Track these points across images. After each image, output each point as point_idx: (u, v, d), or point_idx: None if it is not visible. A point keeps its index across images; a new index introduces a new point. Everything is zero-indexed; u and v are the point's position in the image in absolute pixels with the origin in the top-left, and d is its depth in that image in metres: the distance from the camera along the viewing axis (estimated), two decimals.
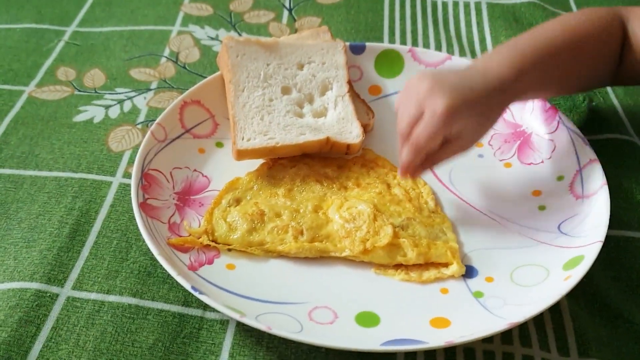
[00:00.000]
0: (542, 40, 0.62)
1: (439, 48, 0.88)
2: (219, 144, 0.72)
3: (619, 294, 0.60)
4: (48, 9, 0.93)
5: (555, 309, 0.57)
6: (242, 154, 0.67)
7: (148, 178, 0.64)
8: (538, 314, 0.52)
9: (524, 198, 0.67)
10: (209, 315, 0.57)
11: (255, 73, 0.72)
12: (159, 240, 0.59)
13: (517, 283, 0.59)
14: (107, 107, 0.77)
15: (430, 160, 0.60)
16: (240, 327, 0.56)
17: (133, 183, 0.62)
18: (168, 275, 0.58)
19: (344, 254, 0.61)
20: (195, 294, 0.53)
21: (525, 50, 0.60)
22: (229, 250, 0.61)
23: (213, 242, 0.62)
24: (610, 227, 0.59)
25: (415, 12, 0.95)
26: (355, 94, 0.77)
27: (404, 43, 0.89)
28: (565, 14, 0.67)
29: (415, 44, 0.89)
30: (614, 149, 0.73)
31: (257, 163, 0.69)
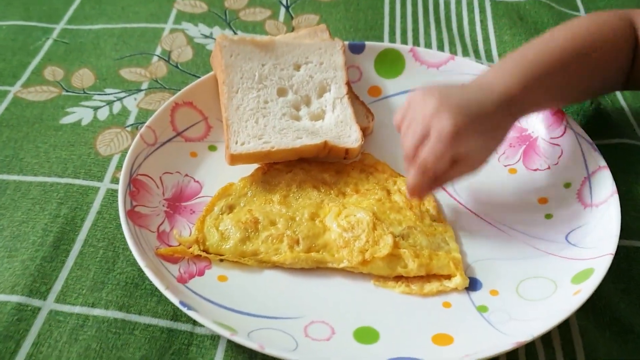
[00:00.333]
0: (549, 52, 0.60)
1: (442, 47, 0.86)
2: (212, 148, 0.69)
3: (630, 308, 0.58)
4: (36, 6, 0.90)
5: (563, 324, 0.55)
6: (235, 159, 0.64)
7: (137, 184, 0.62)
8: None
9: (530, 206, 0.65)
10: (199, 331, 0.54)
11: (250, 74, 0.70)
12: (147, 251, 0.56)
13: (523, 297, 0.56)
14: (95, 108, 0.75)
15: (439, 180, 0.58)
16: (232, 343, 0.53)
17: (120, 190, 0.59)
18: (156, 288, 0.55)
19: (342, 265, 0.58)
20: (184, 310, 0.50)
21: (532, 63, 0.59)
22: (221, 261, 0.59)
23: (204, 252, 0.59)
24: (620, 236, 0.57)
25: (417, 9, 0.92)
26: (354, 96, 0.74)
27: (405, 42, 0.86)
28: (573, 21, 0.64)
29: (417, 43, 0.86)
30: (623, 154, 0.70)
31: (251, 168, 0.67)
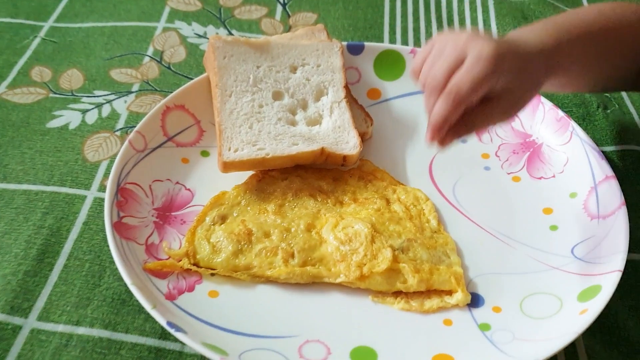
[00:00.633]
0: (577, 22, 0.58)
1: None
2: (205, 153, 0.67)
3: (639, 326, 0.55)
4: (24, 2, 0.87)
5: (569, 344, 0.52)
6: (228, 166, 0.62)
7: (124, 193, 0.59)
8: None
9: (534, 216, 0.63)
10: (189, 350, 0.52)
11: (244, 76, 0.67)
12: (134, 266, 0.54)
13: (527, 314, 0.54)
14: (84, 111, 0.72)
15: (467, 124, 0.50)
16: None
17: (107, 201, 0.57)
18: None
19: (339, 280, 0.56)
20: (171, 331, 0.48)
21: (563, 26, 0.56)
22: (212, 275, 0.56)
23: (195, 265, 0.57)
24: (629, 250, 0.55)
25: (418, 8, 0.89)
26: (353, 99, 0.71)
27: (406, 42, 0.84)
28: (595, 3, 0.63)
29: (418, 44, 0.83)
30: (631, 162, 0.68)
31: (245, 174, 0.64)
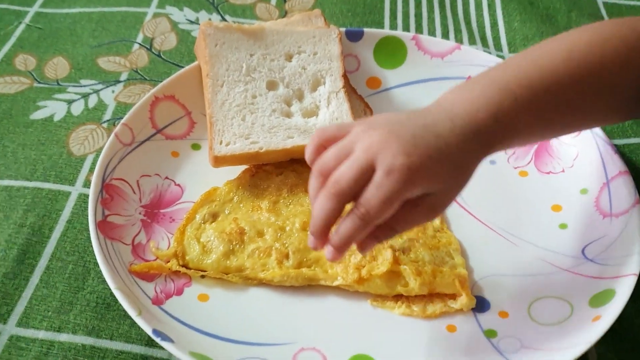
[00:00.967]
0: (535, 71, 0.46)
1: (446, 35, 0.79)
2: (196, 146, 0.64)
3: None
4: None
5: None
6: (219, 161, 0.59)
7: (110, 190, 0.56)
8: None
9: (542, 214, 0.59)
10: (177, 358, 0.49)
11: (237, 65, 0.63)
12: (120, 269, 0.51)
13: (535, 320, 0.51)
14: (69, 102, 0.68)
15: (387, 229, 0.44)
16: None
17: (91, 199, 0.54)
18: None
19: (336, 283, 0.53)
20: (157, 340, 0.45)
21: (510, 84, 0.45)
22: (202, 277, 0.54)
23: (184, 267, 0.54)
24: None
25: None
26: (352, 89, 0.68)
27: (407, 28, 0.80)
28: (570, 32, 0.49)
29: (420, 30, 0.80)
30: None
31: (238, 169, 0.61)
